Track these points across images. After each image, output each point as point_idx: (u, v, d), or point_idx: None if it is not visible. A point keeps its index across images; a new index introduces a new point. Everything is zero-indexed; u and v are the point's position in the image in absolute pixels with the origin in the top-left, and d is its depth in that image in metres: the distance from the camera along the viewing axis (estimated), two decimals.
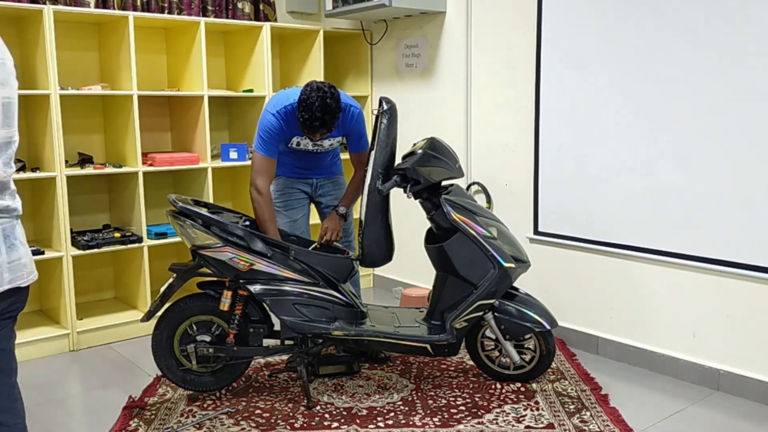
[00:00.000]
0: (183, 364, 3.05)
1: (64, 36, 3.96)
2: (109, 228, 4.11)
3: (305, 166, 3.42)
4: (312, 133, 3.02)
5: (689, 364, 3.26)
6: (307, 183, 3.46)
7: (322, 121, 2.95)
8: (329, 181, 3.49)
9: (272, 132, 3.13)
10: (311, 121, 2.94)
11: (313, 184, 3.47)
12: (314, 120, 2.94)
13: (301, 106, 2.96)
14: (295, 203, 3.44)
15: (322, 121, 2.95)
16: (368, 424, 2.81)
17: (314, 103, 2.92)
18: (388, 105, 3.07)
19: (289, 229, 3.42)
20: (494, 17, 3.98)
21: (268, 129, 3.13)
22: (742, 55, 2.95)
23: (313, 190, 3.48)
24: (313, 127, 2.98)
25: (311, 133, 3.03)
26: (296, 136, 3.23)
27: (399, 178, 3.04)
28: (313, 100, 2.93)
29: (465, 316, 3.03)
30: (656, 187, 3.29)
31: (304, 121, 2.96)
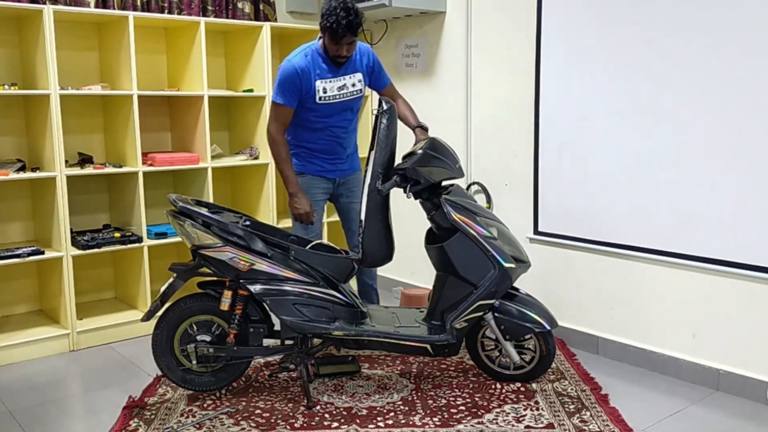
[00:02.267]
0: (183, 363, 3.05)
1: (64, 36, 3.95)
2: (109, 228, 4.11)
3: (332, 149, 3.42)
4: (342, 37, 3.10)
5: (689, 364, 3.26)
6: (330, 181, 3.49)
7: (348, 22, 3.05)
8: (351, 178, 3.55)
9: (292, 75, 3.23)
10: (339, 22, 3.05)
11: (336, 182, 3.51)
12: (342, 20, 3.04)
13: (326, 12, 3.09)
14: (314, 205, 3.44)
15: (349, 22, 3.06)
16: (368, 424, 2.81)
17: (337, 6, 3.06)
18: (387, 105, 3.07)
19: (303, 232, 3.42)
20: (494, 17, 3.98)
21: (288, 73, 3.23)
22: (742, 55, 2.95)
23: (335, 188, 3.52)
24: (342, 31, 3.07)
25: (339, 38, 3.10)
26: (318, 79, 3.26)
27: (399, 178, 3.04)
28: (335, 5, 3.07)
29: (465, 317, 3.03)
30: (656, 186, 3.29)
31: (332, 25, 3.06)
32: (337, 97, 3.33)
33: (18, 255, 3.56)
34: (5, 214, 3.92)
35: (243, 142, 4.59)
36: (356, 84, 3.37)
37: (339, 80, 3.31)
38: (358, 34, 3.16)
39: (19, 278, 4.00)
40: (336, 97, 3.32)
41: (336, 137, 3.44)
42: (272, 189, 4.43)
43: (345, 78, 3.33)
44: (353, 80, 3.36)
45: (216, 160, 4.29)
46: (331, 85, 3.30)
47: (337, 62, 3.27)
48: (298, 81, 3.24)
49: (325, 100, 3.31)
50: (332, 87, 3.30)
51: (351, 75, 3.35)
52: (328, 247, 3.24)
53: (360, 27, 3.14)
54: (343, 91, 3.33)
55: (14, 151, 3.91)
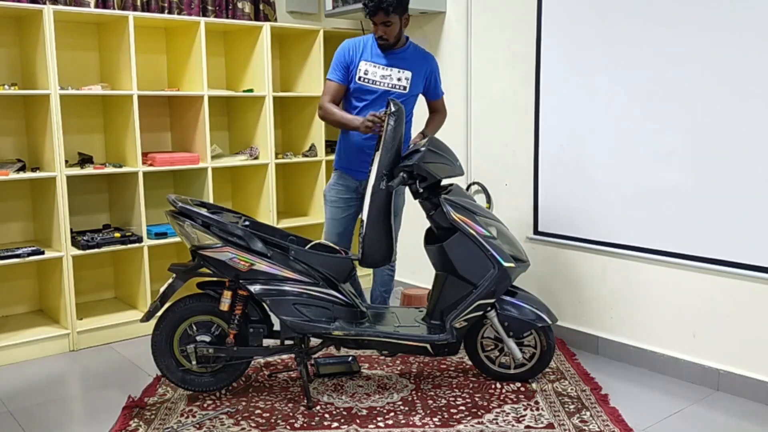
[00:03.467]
0: (183, 364, 3.05)
1: (64, 36, 3.95)
2: (109, 228, 4.11)
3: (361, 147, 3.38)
4: (372, 15, 3.18)
5: (689, 364, 3.26)
6: (357, 182, 3.46)
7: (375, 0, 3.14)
8: None
9: (342, 49, 3.34)
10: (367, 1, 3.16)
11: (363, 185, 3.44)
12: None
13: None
14: (343, 201, 3.45)
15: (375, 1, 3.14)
16: (368, 424, 2.81)
17: None
18: (395, 107, 3.07)
19: (328, 225, 3.47)
20: (494, 17, 3.98)
21: (338, 51, 3.36)
22: (742, 55, 2.95)
23: (361, 189, 3.46)
24: (372, 8, 3.15)
25: (372, 16, 3.19)
26: (363, 60, 3.31)
27: (406, 175, 3.04)
28: None
29: (465, 316, 3.03)
30: (656, 187, 3.29)
31: (364, 2, 3.18)
32: (378, 83, 3.32)
33: (18, 255, 3.56)
34: (5, 214, 3.92)
35: (243, 142, 4.59)
36: (402, 80, 3.34)
37: (386, 69, 3.32)
38: (391, 15, 3.18)
39: (19, 278, 4.00)
40: (376, 82, 3.32)
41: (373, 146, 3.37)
42: (272, 189, 4.43)
43: (392, 69, 3.32)
44: (400, 75, 3.33)
45: (216, 160, 4.29)
46: (374, 69, 3.31)
47: (380, 47, 3.30)
48: (347, 55, 3.33)
49: (364, 81, 3.31)
50: (375, 72, 3.31)
51: (401, 70, 3.33)
52: (327, 247, 3.24)
53: (392, 8, 3.15)
54: (386, 80, 3.32)
55: (14, 151, 3.91)
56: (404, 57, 3.36)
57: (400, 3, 3.18)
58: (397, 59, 3.34)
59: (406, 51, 3.38)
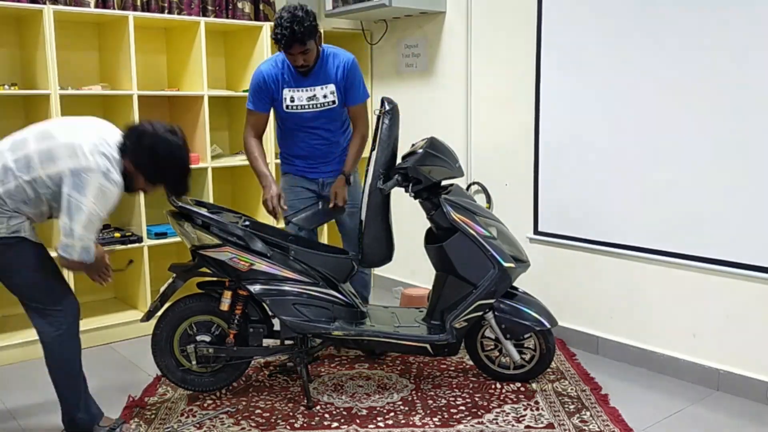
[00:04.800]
0: (183, 364, 3.05)
1: (64, 36, 3.95)
2: (109, 228, 4.10)
3: (311, 155, 3.35)
4: (287, 47, 2.99)
5: (689, 364, 3.25)
6: (314, 182, 3.42)
7: (291, 31, 2.91)
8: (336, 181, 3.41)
9: (260, 81, 3.20)
10: (282, 30, 2.93)
11: (320, 183, 3.42)
12: (285, 29, 2.92)
13: (274, 24, 2.98)
14: (299, 204, 3.41)
15: (292, 31, 2.91)
16: (368, 424, 2.81)
17: (283, 16, 2.95)
18: (390, 105, 3.07)
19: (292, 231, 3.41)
20: (494, 17, 3.98)
21: (256, 80, 3.21)
22: (741, 56, 2.95)
23: (320, 188, 3.43)
24: (285, 38, 2.94)
25: (287, 48, 3.00)
26: (286, 87, 3.19)
27: (400, 177, 3.04)
28: (283, 13, 2.96)
29: (465, 316, 3.03)
30: (656, 187, 3.29)
31: (276, 36, 2.96)
32: (307, 107, 3.21)
33: None
34: None
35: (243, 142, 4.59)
36: (328, 95, 3.21)
37: (308, 90, 3.19)
38: (308, 43, 2.99)
39: None
40: (305, 107, 3.21)
41: (314, 147, 3.34)
42: None
43: (315, 89, 3.19)
44: (325, 91, 3.20)
45: (216, 160, 4.29)
46: (299, 94, 3.20)
47: (300, 73, 3.15)
48: (265, 86, 3.19)
49: (292, 109, 3.22)
50: (300, 96, 3.20)
51: (323, 86, 3.19)
52: (328, 247, 3.24)
53: (307, 36, 2.96)
54: (314, 101, 3.21)
55: None
56: (321, 71, 3.19)
57: (311, 29, 2.98)
58: (315, 77, 3.19)
59: (324, 64, 3.20)
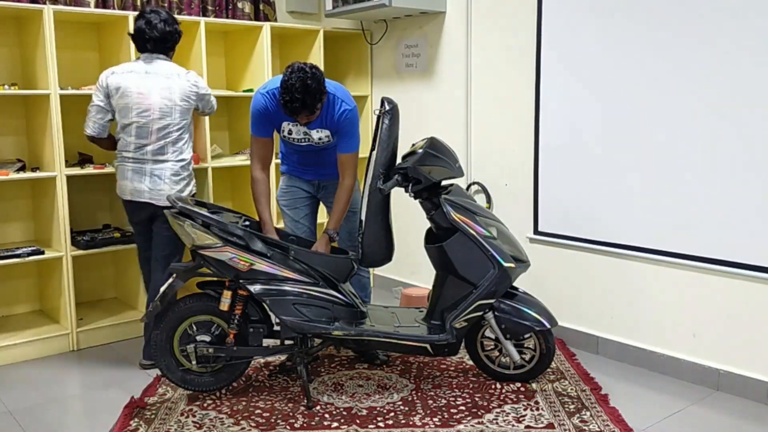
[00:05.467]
0: (183, 364, 3.05)
1: (64, 36, 3.95)
2: (109, 228, 4.11)
3: (309, 163, 3.37)
4: (294, 115, 2.98)
5: (689, 364, 3.26)
6: (311, 183, 3.43)
7: (302, 102, 2.89)
8: (333, 183, 3.37)
9: (260, 112, 3.15)
10: (291, 102, 2.89)
11: (316, 185, 3.43)
12: (294, 101, 2.88)
13: (282, 87, 2.91)
14: (298, 202, 3.42)
15: (303, 102, 2.89)
16: (368, 424, 2.81)
17: (294, 84, 2.87)
18: (389, 105, 3.07)
19: (291, 228, 3.42)
20: (494, 17, 3.98)
21: (256, 109, 3.16)
22: (742, 56, 2.95)
23: (316, 190, 3.45)
24: (294, 109, 2.92)
25: (293, 115, 2.99)
26: (285, 121, 3.19)
27: (400, 177, 3.04)
28: (294, 81, 2.87)
29: (465, 316, 3.03)
30: (656, 187, 3.29)
31: (285, 103, 2.91)
32: (303, 141, 3.23)
33: (18, 255, 3.56)
34: (5, 214, 3.92)
35: (243, 142, 4.59)
36: (323, 138, 3.21)
37: (304, 131, 3.21)
38: (316, 110, 2.98)
39: (19, 278, 4.00)
40: (302, 140, 3.23)
41: (310, 161, 3.36)
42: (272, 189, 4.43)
43: (310, 132, 3.19)
44: (320, 134, 3.19)
45: (216, 160, 4.29)
46: (297, 128, 3.20)
47: None
48: (266, 113, 3.16)
49: (289, 140, 3.25)
50: (298, 131, 3.20)
51: (318, 129, 3.18)
52: None
53: (317, 103, 2.93)
54: (308, 137, 3.21)
55: (14, 151, 3.91)
56: (319, 117, 3.12)
57: (321, 94, 2.94)
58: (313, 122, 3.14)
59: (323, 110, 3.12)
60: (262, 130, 3.22)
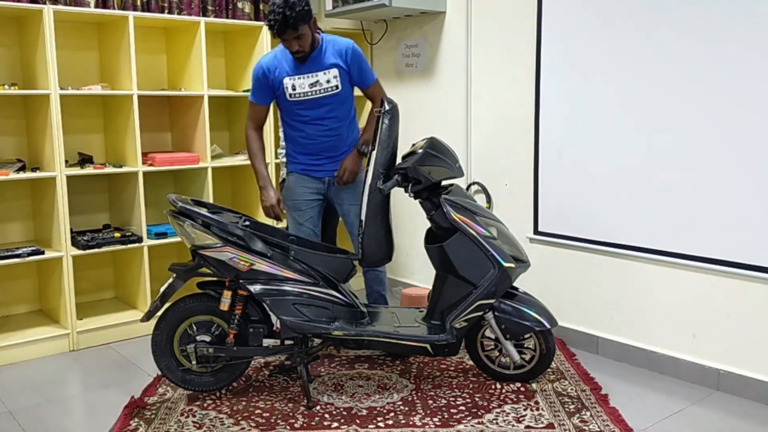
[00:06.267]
0: (183, 364, 3.05)
1: (64, 36, 3.96)
2: (109, 228, 4.11)
3: (317, 150, 3.35)
4: (280, 34, 3.04)
5: (689, 364, 3.26)
6: (321, 181, 3.40)
7: (283, 16, 2.97)
8: None
9: (259, 75, 3.26)
10: (274, 16, 2.99)
11: (326, 183, 3.40)
12: (276, 15, 2.98)
13: (268, 10, 3.06)
14: (303, 204, 3.39)
15: (284, 17, 2.97)
16: (368, 424, 2.81)
17: (275, 2, 3.01)
18: (389, 105, 3.07)
19: (293, 231, 3.40)
20: (494, 17, 3.98)
21: (255, 73, 3.28)
22: (742, 56, 2.95)
23: (326, 188, 3.41)
24: (278, 28, 3.00)
25: (280, 36, 3.05)
26: (286, 76, 3.22)
27: (400, 177, 3.04)
28: (272, 2, 3.03)
29: (465, 316, 3.03)
30: (656, 187, 3.29)
31: (269, 22, 3.03)
32: (309, 94, 3.23)
33: (18, 255, 3.56)
34: (5, 214, 3.92)
35: (243, 142, 4.59)
36: (331, 80, 3.23)
37: (310, 76, 3.22)
38: (300, 27, 3.04)
39: (19, 278, 4.00)
40: (308, 93, 3.23)
41: (320, 138, 3.33)
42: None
43: (317, 74, 3.22)
44: (328, 76, 3.22)
45: (216, 160, 4.29)
46: (300, 81, 3.22)
47: (298, 59, 3.19)
48: (264, 79, 3.25)
49: (295, 97, 3.24)
50: (302, 84, 3.22)
51: (325, 71, 3.22)
52: (328, 247, 3.24)
53: (299, 21, 3.00)
54: (316, 87, 3.22)
55: (14, 151, 3.91)
56: (323, 57, 3.23)
57: (304, 13, 3.03)
58: (316, 62, 3.22)
59: (323, 51, 3.24)
60: (259, 95, 3.30)
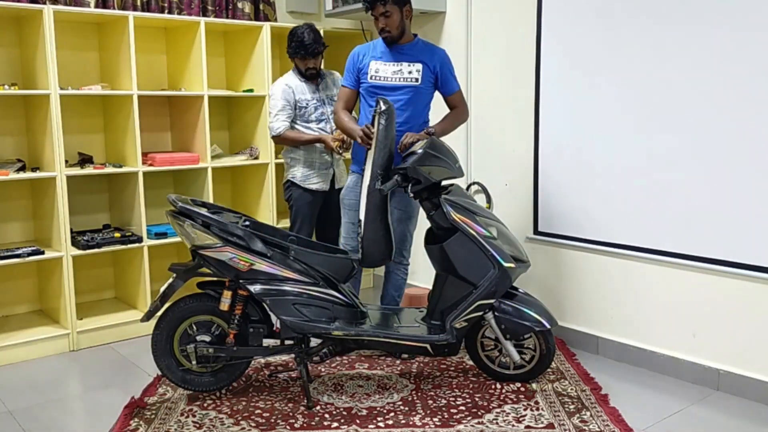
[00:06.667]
0: (183, 364, 3.05)
1: (64, 36, 3.95)
2: (109, 228, 4.11)
3: None
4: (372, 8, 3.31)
5: (689, 364, 3.26)
6: None
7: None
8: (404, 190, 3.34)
9: (349, 58, 3.49)
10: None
11: None
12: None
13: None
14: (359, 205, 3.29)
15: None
16: (368, 424, 2.81)
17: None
18: (385, 105, 3.07)
19: (344, 231, 3.47)
20: (494, 17, 3.98)
21: (349, 59, 3.50)
22: (743, 55, 2.95)
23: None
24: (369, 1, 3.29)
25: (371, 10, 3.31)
26: (374, 59, 3.41)
27: (400, 177, 3.04)
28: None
29: (465, 316, 3.03)
30: (656, 186, 3.29)
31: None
32: (389, 79, 3.36)
33: (18, 255, 3.56)
34: (5, 214, 3.92)
35: (243, 142, 4.59)
36: (413, 72, 3.37)
37: (395, 65, 3.37)
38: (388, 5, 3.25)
39: (19, 278, 4.00)
40: (388, 78, 3.37)
41: None
42: (272, 189, 4.43)
43: (402, 64, 3.37)
44: (411, 68, 3.36)
45: (216, 160, 4.29)
46: (385, 68, 3.38)
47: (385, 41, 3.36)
48: (357, 59, 3.45)
49: (375, 79, 3.37)
50: (386, 69, 3.38)
51: (410, 63, 3.37)
52: (328, 247, 3.24)
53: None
54: (397, 75, 3.36)
55: (14, 151, 3.91)
56: (412, 51, 3.39)
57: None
58: (405, 54, 3.38)
59: (415, 46, 3.41)
60: (349, 77, 3.48)
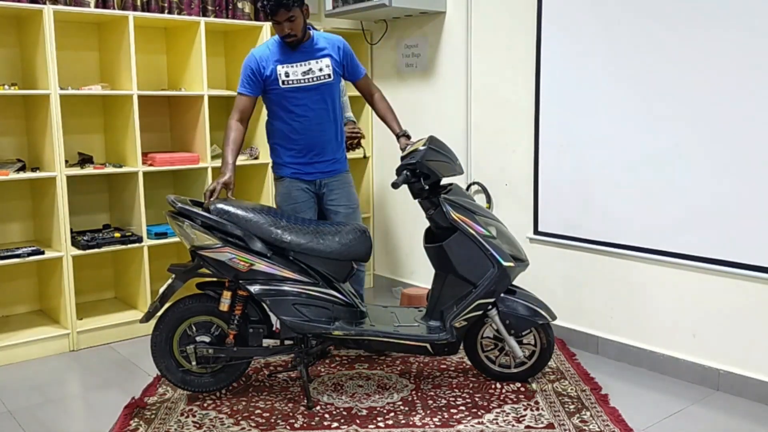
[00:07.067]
0: (182, 364, 3.05)
1: (64, 36, 3.96)
2: (109, 228, 4.11)
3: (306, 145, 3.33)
4: (273, 15, 3.11)
5: (689, 364, 3.25)
6: (313, 183, 3.40)
7: None
8: (335, 180, 3.41)
9: (250, 64, 3.27)
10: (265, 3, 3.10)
11: (318, 184, 3.41)
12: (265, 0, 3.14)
13: None
14: (302, 206, 3.38)
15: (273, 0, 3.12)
16: (368, 424, 2.81)
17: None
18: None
19: None
20: (494, 17, 3.98)
21: (247, 62, 3.29)
22: (744, 54, 2.95)
23: (317, 188, 3.42)
24: (271, 8, 3.08)
25: (273, 17, 3.11)
26: (279, 64, 3.25)
27: (409, 173, 3.04)
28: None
29: (464, 315, 3.03)
30: (657, 187, 3.29)
31: (263, 3, 3.12)
32: (303, 81, 3.26)
33: (18, 255, 3.57)
34: (5, 214, 3.92)
35: None
36: (324, 69, 3.28)
37: (303, 65, 3.25)
38: (293, 9, 3.11)
39: (19, 278, 4.00)
40: (301, 81, 3.26)
41: (308, 132, 3.33)
42: (272, 189, 4.43)
43: (310, 62, 3.27)
44: (320, 65, 3.27)
45: (216, 160, 4.29)
46: (294, 69, 3.25)
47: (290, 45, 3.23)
48: (256, 67, 3.25)
49: (288, 84, 3.26)
50: (296, 71, 3.26)
51: (318, 60, 3.28)
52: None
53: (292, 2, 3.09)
54: (309, 75, 3.26)
55: (14, 151, 3.91)
56: (315, 47, 3.30)
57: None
58: (309, 52, 3.28)
59: (315, 41, 3.31)
60: (249, 85, 3.29)
